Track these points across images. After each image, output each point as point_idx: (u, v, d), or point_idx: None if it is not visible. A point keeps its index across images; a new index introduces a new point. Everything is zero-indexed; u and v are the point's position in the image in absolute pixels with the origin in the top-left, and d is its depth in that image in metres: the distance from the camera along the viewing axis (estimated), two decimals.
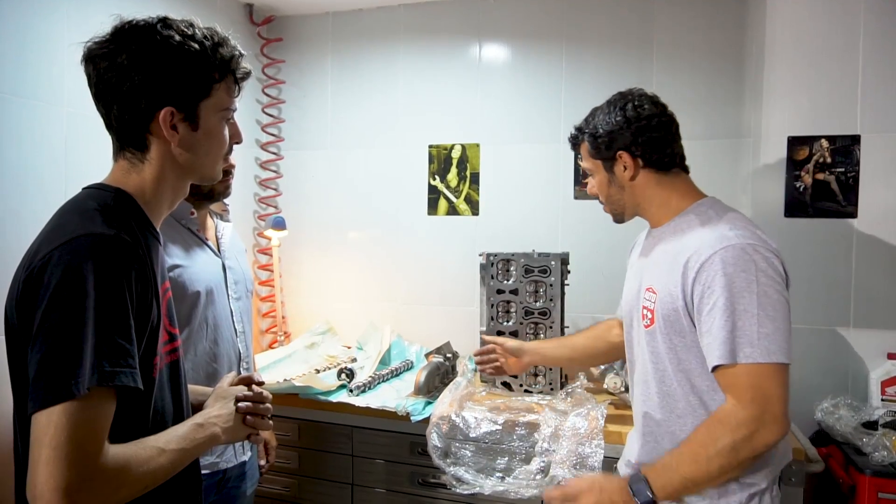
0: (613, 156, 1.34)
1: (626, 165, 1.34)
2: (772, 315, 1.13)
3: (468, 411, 1.88)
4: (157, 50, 0.91)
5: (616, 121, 1.33)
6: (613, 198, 1.41)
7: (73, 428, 0.76)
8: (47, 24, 1.74)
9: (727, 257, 1.15)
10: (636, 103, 1.34)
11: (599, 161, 1.39)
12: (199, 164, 0.99)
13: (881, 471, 1.69)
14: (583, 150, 1.44)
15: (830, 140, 2.14)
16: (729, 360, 1.13)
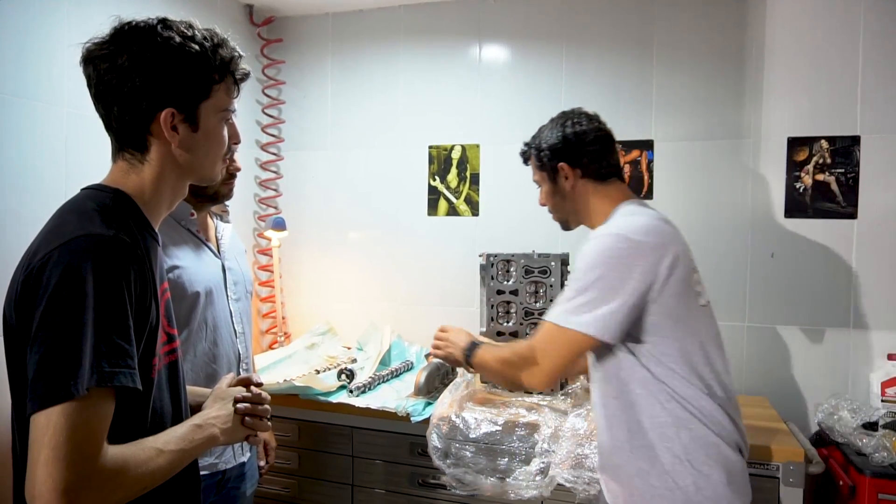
0: (556, 168, 1.50)
1: (566, 176, 1.49)
2: (583, 287, 1.28)
3: (468, 412, 1.88)
4: (157, 51, 0.91)
5: (557, 136, 1.49)
6: (558, 206, 1.57)
7: (71, 428, 0.76)
8: (47, 24, 1.75)
9: (594, 244, 1.32)
10: (575, 120, 1.51)
11: (545, 173, 1.54)
12: (199, 165, 0.99)
13: (881, 472, 1.68)
14: (532, 163, 1.59)
15: (830, 141, 2.14)
16: (554, 321, 1.32)
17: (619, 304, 1.24)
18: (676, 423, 1.25)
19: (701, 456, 1.24)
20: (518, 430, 1.82)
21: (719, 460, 1.25)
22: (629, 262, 1.25)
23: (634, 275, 1.24)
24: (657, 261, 1.25)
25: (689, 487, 1.24)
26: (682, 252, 1.30)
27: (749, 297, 2.24)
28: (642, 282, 1.24)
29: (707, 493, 1.24)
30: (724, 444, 1.26)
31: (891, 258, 2.09)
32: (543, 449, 1.75)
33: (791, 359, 2.20)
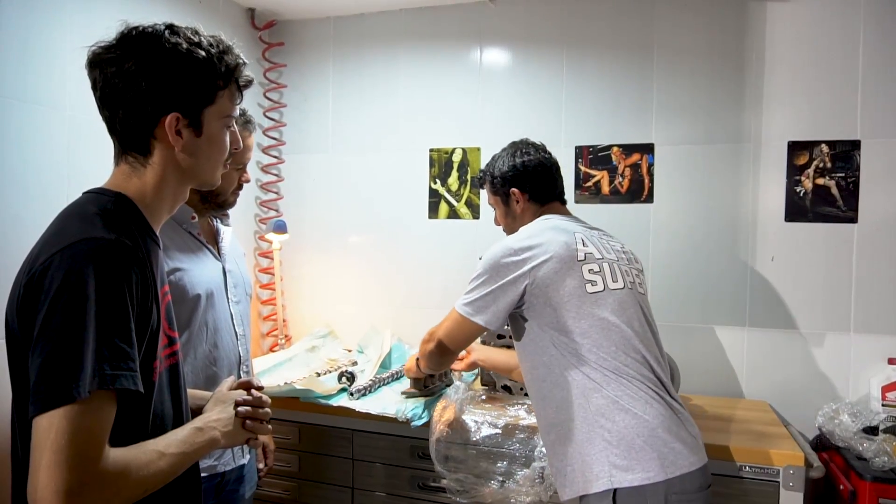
0: (508, 193, 1.70)
1: (517, 200, 1.69)
2: (478, 282, 1.51)
3: (468, 415, 1.88)
4: (165, 57, 0.92)
5: (509, 165, 1.69)
6: (510, 225, 1.74)
7: (73, 432, 0.76)
8: (50, 28, 1.75)
9: (490, 251, 1.54)
10: (524, 150, 1.70)
11: (498, 197, 1.74)
12: (201, 170, 1.00)
13: (882, 476, 1.68)
14: (486, 188, 1.78)
15: (831, 145, 2.14)
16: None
17: (498, 301, 1.47)
18: (585, 394, 1.40)
19: (610, 422, 1.37)
20: (518, 434, 1.82)
21: (631, 425, 1.34)
22: (505, 265, 1.46)
23: (508, 274, 1.45)
24: (527, 259, 1.45)
25: (602, 454, 1.34)
26: (557, 249, 1.46)
27: (749, 301, 2.24)
28: (516, 280, 1.45)
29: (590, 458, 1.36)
30: (631, 411, 1.35)
31: (891, 262, 2.09)
32: (543, 452, 1.75)
33: (791, 363, 2.20)
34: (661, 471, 1.30)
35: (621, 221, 2.37)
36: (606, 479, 1.31)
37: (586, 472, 1.34)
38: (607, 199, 2.41)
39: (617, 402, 1.35)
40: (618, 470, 1.31)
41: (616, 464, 1.31)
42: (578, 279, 1.44)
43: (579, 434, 1.37)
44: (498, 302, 1.46)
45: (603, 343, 1.40)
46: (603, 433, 1.34)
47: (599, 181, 2.42)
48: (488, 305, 1.47)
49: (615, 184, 2.39)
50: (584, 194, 2.43)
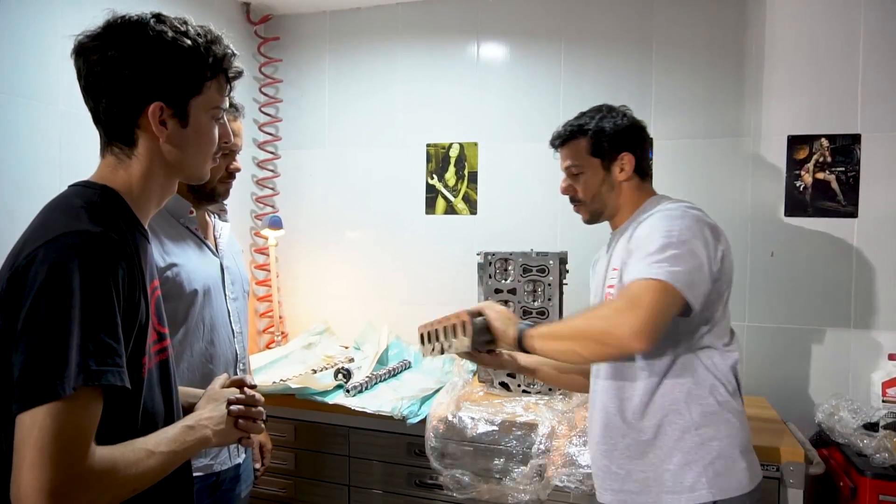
0: (615, 155, 1.43)
1: (623, 166, 1.44)
2: (693, 258, 1.21)
3: (465, 412, 1.87)
4: (148, 45, 0.90)
5: (625, 123, 1.45)
6: (601, 196, 1.47)
7: (58, 429, 0.74)
8: (42, 22, 1.73)
9: (659, 214, 1.32)
10: (631, 114, 1.49)
11: (598, 159, 1.45)
12: (188, 163, 0.98)
13: (882, 473, 1.67)
14: (576, 146, 1.48)
15: (830, 139, 2.12)
16: (639, 276, 1.21)
17: (708, 277, 1.22)
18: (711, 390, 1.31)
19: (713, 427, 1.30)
20: (515, 430, 1.80)
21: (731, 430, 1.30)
22: (706, 237, 1.25)
23: (710, 250, 1.24)
24: (717, 243, 1.27)
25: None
26: (728, 249, 1.31)
27: (749, 297, 2.23)
28: (710, 256, 1.23)
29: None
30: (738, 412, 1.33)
31: (891, 257, 2.07)
32: (540, 450, 1.73)
33: (791, 358, 2.18)
34: (750, 482, 1.28)
35: None
36: (706, 491, 1.26)
37: (686, 480, 1.28)
38: None
39: (726, 410, 1.31)
40: (718, 478, 1.26)
41: (719, 472, 1.27)
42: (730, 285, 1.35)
43: (688, 441, 1.29)
44: (710, 282, 1.23)
45: (724, 354, 1.34)
46: (711, 440, 1.29)
47: None
48: (698, 283, 1.20)
49: None
50: None
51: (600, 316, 1.23)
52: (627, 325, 1.14)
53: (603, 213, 1.50)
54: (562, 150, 1.52)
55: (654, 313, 1.14)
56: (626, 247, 1.34)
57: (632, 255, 1.28)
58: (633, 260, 1.26)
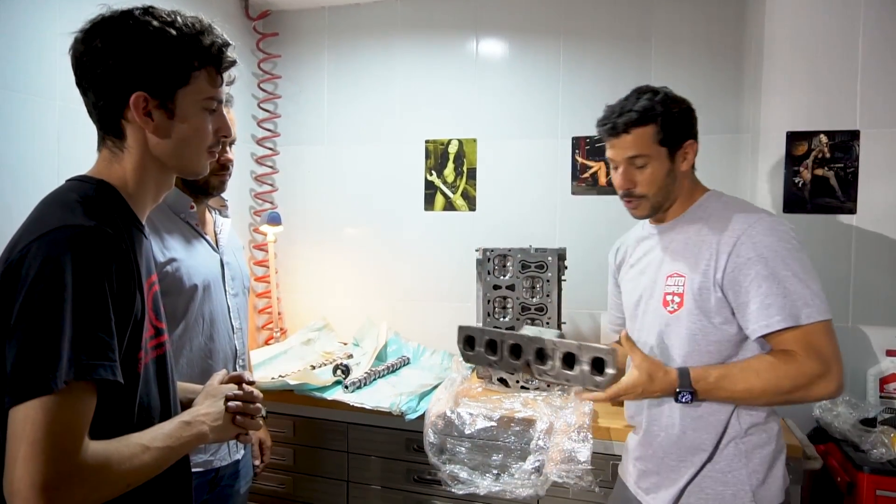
0: (681, 143, 1.34)
1: (686, 155, 1.36)
2: (813, 276, 1.22)
3: (463, 408, 1.87)
4: (131, 34, 0.89)
5: (687, 107, 1.36)
6: (665, 189, 1.36)
7: (50, 423, 0.74)
8: (40, 17, 1.73)
9: (761, 230, 1.24)
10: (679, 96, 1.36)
11: (665, 148, 1.33)
12: (179, 155, 0.96)
13: (879, 468, 1.67)
14: (641, 134, 1.31)
15: (829, 135, 2.12)
16: (792, 323, 1.19)
17: (818, 283, 1.23)
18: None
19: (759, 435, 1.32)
20: (513, 426, 1.81)
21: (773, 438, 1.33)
22: (799, 245, 1.26)
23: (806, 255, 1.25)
24: None
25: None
26: None
27: None
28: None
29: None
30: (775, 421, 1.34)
31: (890, 253, 2.07)
32: (538, 445, 1.74)
33: None
34: (782, 491, 1.32)
35: (618, 213, 2.33)
36: (780, 492, 1.31)
37: (773, 487, 1.31)
38: (604, 191, 2.39)
39: (771, 419, 1.33)
40: (760, 488, 1.30)
41: (761, 481, 1.30)
42: None
43: (772, 448, 1.32)
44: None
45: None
46: (779, 448, 1.33)
47: (596, 172, 2.40)
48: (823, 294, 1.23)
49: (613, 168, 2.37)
50: (580, 185, 2.42)
51: (794, 376, 1.20)
52: (825, 388, 1.19)
53: (662, 207, 1.39)
54: (622, 138, 1.33)
55: (840, 360, 1.20)
56: (699, 252, 1.30)
57: (759, 285, 1.21)
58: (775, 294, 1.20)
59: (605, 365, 1.22)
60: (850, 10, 2.09)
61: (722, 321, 1.28)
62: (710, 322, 1.28)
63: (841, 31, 2.10)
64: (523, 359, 1.33)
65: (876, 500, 1.66)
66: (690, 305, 1.30)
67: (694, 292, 1.29)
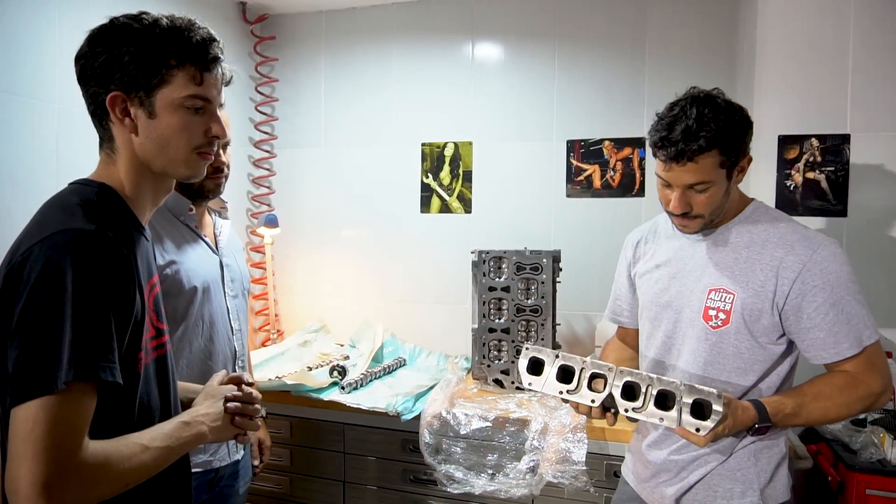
0: (739, 163, 1.26)
1: (742, 170, 1.29)
2: (863, 295, 1.26)
3: (459, 408, 1.89)
4: (110, 35, 0.91)
5: (744, 120, 1.26)
6: (721, 206, 1.30)
7: (51, 423, 0.76)
8: (40, 20, 1.74)
9: (827, 255, 1.25)
10: (737, 105, 1.28)
11: (724, 170, 1.24)
12: (162, 155, 0.95)
13: (869, 468, 1.69)
14: (706, 161, 1.22)
15: (820, 139, 2.15)
16: (858, 349, 1.24)
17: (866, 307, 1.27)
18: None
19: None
20: (508, 427, 1.82)
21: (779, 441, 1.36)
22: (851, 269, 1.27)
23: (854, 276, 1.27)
24: None
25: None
26: None
27: None
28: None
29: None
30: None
31: (880, 256, 2.10)
32: (533, 445, 1.75)
33: None
34: (788, 490, 1.37)
35: (613, 215, 2.37)
36: (786, 490, 1.35)
37: (779, 486, 1.35)
38: (599, 193, 2.41)
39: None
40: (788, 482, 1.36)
41: (768, 482, 1.34)
42: None
43: (779, 449, 1.36)
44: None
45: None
46: (785, 449, 1.37)
47: (591, 175, 2.42)
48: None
49: (607, 177, 2.39)
50: (575, 188, 2.44)
51: (865, 397, 1.26)
52: (886, 398, 1.27)
53: (713, 222, 1.34)
54: (686, 165, 1.23)
55: (889, 368, 1.28)
56: (752, 270, 1.29)
57: (826, 313, 1.24)
58: (841, 322, 1.24)
59: (706, 409, 1.16)
60: (842, 15, 2.11)
61: (768, 341, 1.29)
62: (757, 342, 1.29)
63: (832, 36, 2.13)
64: (607, 391, 1.22)
65: (866, 499, 1.68)
66: (739, 324, 1.29)
67: (745, 311, 1.28)
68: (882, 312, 2.09)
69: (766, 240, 1.30)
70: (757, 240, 1.31)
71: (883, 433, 1.74)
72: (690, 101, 1.26)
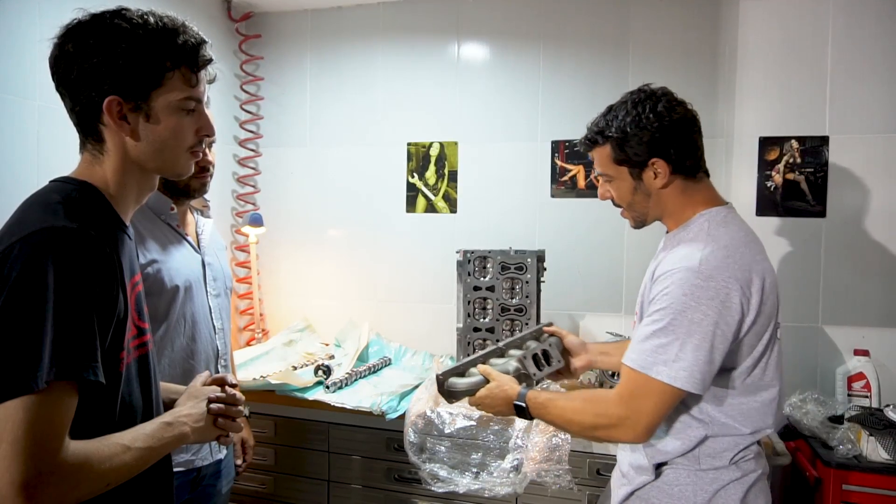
0: (645, 162, 1.24)
1: (657, 173, 1.25)
2: (696, 344, 1.12)
3: (443, 407, 1.89)
4: (101, 37, 0.88)
5: (651, 125, 1.22)
6: (638, 205, 1.31)
7: (31, 422, 0.75)
8: (19, 17, 1.72)
9: (680, 278, 1.15)
10: (667, 105, 1.24)
11: (626, 167, 1.27)
12: (157, 157, 0.96)
13: (846, 463, 1.73)
14: (600, 153, 1.31)
15: (800, 141, 2.18)
16: (640, 370, 1.16)
17: (703, 353, 1.12)
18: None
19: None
20: (492, 425, 1.83)
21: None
22: (708, 302, 1.12)
23: (713, 315, 1.11)
24: (740, 295, 1.13)
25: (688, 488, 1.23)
26: (769, 280, 1.17)
27: None
28: (725, 322, 1.12)
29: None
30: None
31: (858, 256, 2.14)
32: (517, 444, 1.77)
33: None
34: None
35: (597, 216, 2.39)
36: None
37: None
38: (583, 194, 2.43)
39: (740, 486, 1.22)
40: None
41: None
42: (773, 327, 1.20)
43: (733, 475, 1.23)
44: (713, 361, 1.13)
45: (748, 418, 1.21)
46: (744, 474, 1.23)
47: (576, 175, 2.44)
48: (698, 366, 1.12)
49: (591, 178, 2.41)
50: (560, 188, 2.46)
51: (600, 422, 1.21)
52: (623, 436, 1.19)
53: (646, 221, 1.35)
54: (591, 155, 1.35)
55: (654, 418, 1.15)
56: (648, 288, 1.25)
57: (643, 316, 1.22)
58: (637, 333, 1.20)
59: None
60: (820, 19, 2.15)
61: None
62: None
63: (811, 40, 2.17)
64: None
65: (842, 494, 1.71)
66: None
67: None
68: (859, 311, 2.13)
69: (673, 249, 1.24)
70: (673, 248, 1.25)
71: (859, 429, 1.77)
72: (624, 98, 1.30)
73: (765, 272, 1.18)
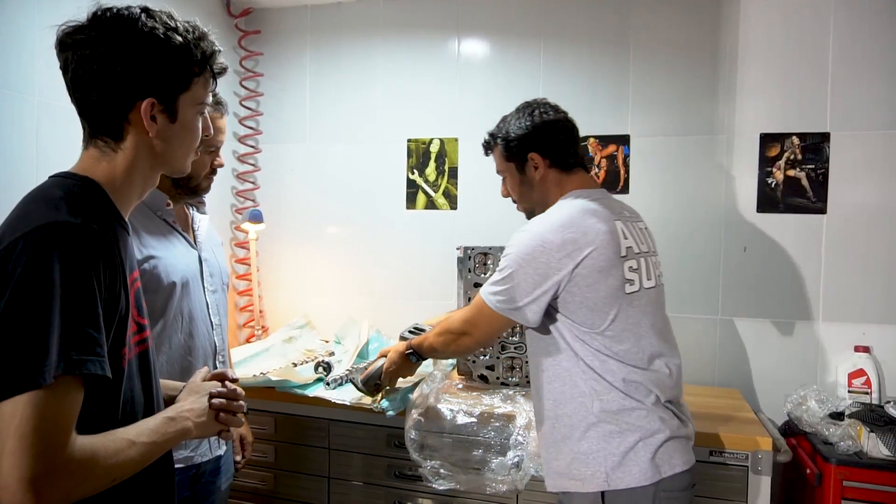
0: (525, 157, 1.52)
1: (536, 165, 1.51)
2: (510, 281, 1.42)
3: (444, 404, 1.89)
4: (142, 41, 0.91)
5: (526, 126, 1.51)
6: (525, 196, 1.58)
7: (38, 418, 0.75)
8: (18, 12, 1.71)
9: (518, 240, 1.44)
10: (542, 110, 1.54)
11: (512, 163, 1.55)
12: (173, 157, 1.00)
13: (846, 460, 1.73)
14: (496, 154, 1.60)
15: (801, 137, 2.18)
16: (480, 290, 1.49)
17: (531, 298, 1.37)
18: (591, 394, 1.36)
19: (613, 424, 1.34)
20: (493, 422, 1.83)
21: (634, 428, 1.33)
22: (540, 261, 1.35)
23: (543, 271, 1.35)
24: (566, 256, 1.34)
25: (599, 454, 1.34)
26: (601, 243, 1.35)
27: (722, 291, 2.28)
28: (551, 278, 1.35)
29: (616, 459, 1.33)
30: (640, 412, 1.34)
31: (858, 252, 2.14)
32: (518, 441, 1.76)
33: (762, 351, 2.24)
34: (656, 472, 1.31)
35: None
36: (602, 481, 1.32)
37: (580, 470, 1.35)
38: None
39: (623, 410, 1.34)
40: (613, 472, 1.32)
41: (612, 466, 1.32)
42: (619, 278, 1.36)
43: (576, 432, 1.36)
44: (538, 300, 1.36)
45: (627, 350, 1.35)
46: (603, 435, 1.34)
47: None
48: (524, 301, 1.37)
49: (591, 174, 2.40)
50: None
51: (449, 338, 1.58)
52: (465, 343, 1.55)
53: (534, 211, 1.56)
54: (490, 155, 1.65)
55: (489, 334, 1.52)
56: None
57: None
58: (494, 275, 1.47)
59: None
60: (821, 16, 2.15)
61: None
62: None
63: (812, 37, 2.16)
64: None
65: (843, 490, 1.72)
66: None
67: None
68: (859, 308, 2.13)
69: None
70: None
71: (859, 426, 1.77)
72: (515, 108, 1.60)
73: (600, 239, 1.36)
